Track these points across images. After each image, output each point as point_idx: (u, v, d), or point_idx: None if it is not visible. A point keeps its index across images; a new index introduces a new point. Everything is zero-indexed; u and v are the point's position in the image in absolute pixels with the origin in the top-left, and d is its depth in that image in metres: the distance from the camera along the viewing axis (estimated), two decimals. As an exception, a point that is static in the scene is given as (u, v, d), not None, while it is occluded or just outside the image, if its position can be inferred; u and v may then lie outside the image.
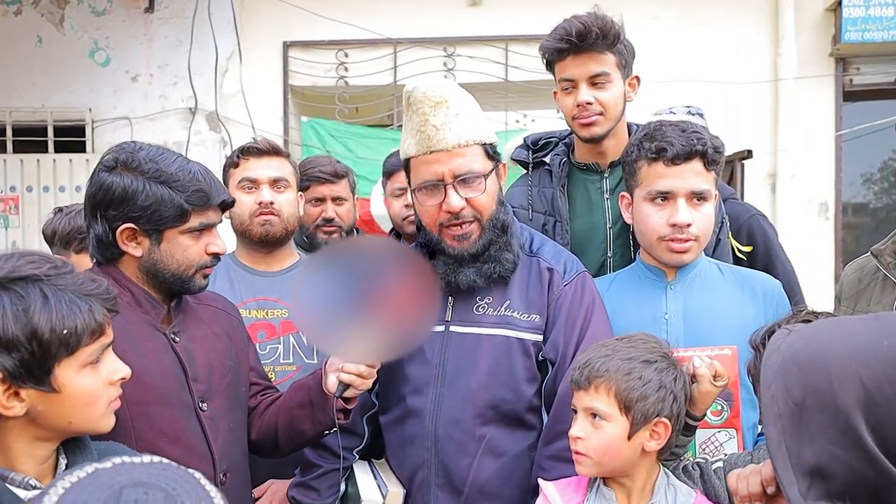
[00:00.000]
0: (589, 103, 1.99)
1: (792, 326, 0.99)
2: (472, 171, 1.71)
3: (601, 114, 2.00)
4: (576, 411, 1.50)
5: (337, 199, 2.67)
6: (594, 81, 2.00)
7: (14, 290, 1.14)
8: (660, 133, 1.82)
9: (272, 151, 2.23)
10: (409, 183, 1.83)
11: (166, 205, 1.53)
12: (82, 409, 1.21)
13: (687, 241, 1.80)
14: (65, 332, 1.15)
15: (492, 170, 1.77)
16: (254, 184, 2.19)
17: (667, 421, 1.46)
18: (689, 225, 1.79)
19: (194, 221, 1.58)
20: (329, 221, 2.65)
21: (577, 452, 1.47)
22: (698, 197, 1.80)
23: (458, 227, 1.73)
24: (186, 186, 1.55)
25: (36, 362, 1.14)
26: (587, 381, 1.46)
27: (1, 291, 1.14)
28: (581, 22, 1.94)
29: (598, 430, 1.45)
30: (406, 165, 1.81)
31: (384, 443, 1.90)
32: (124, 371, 1.28)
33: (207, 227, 1.62)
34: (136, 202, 1.52)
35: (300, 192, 2.36)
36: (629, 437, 1.44)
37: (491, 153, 1.77)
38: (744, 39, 5.22)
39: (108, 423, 1.27)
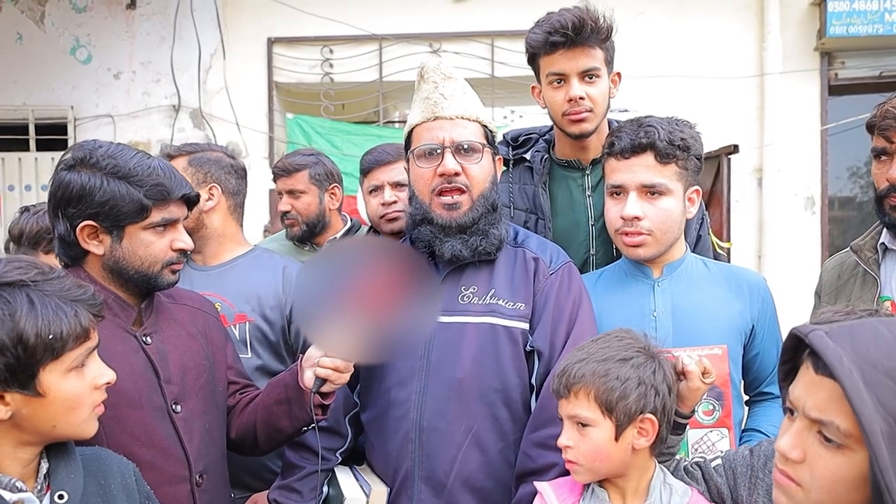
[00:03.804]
0: (581, 98, 1.98)
1: (822, 326, 0.93)
2: (471, 141, 1.76)
3: (591, 110, 2.00)
4: (562, 420, 1.48)
5: (292, 192, 2.75)
6: (584, 76, 1.99)
7: (1, 295, 1.16)
8: (618, 128, 1.84)
9: (170, 157, 2.19)
10: (406, 155, 1.84)
11: (124, 200, 1.51)
12: (66, 414, 1.22)
13: (638, 234, 1.79)
14: (50, 336, 1.17)
15: (486, 148, 1.79)
16: None
17: (652, 416, 1.44)
18: (636, 218, 1.78)
19: (156, 216, 1.56)
20: (285, 214, 2.77)
21: (568, 461, 1.45)
22: (651, 191, 1.79)
23: (450, 196, 1.74)
24: (145, 181, 1.53)
25: (21, 367, 1.16)
26: (566, 388, 1.44)
27: None
28: (576, 15, 1.92)
29: (584, 436, 1.43)
30: (408, 138, 1.83)
31: (365, 448, 1.88)
32: (109, 375, 1.30)
33: (171, 223, 1.60)
34: (93, 198, 1.51)
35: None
36: (616, 439, 1.42)
37: (490, 138, 1.81)
38: (729, 34, 5.23)
39: (91, 429, 1.29)
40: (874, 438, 0.82)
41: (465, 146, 1.75)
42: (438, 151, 1.75)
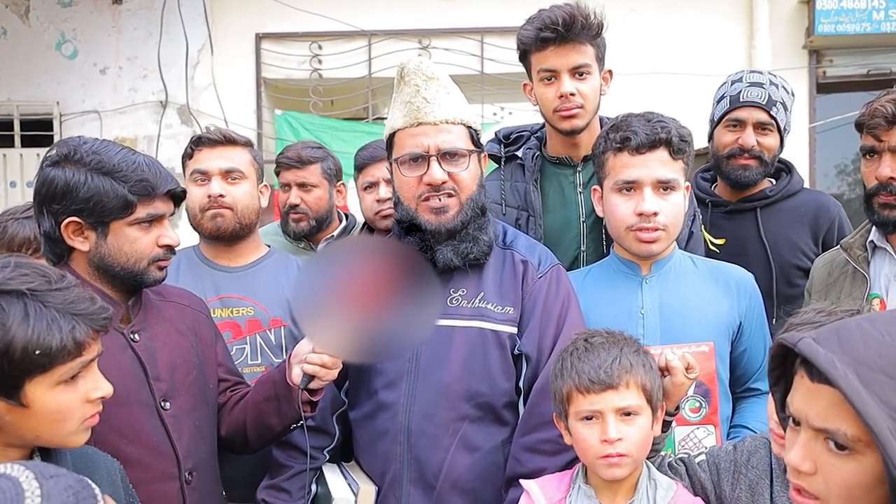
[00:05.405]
0: (572, 94, 1.98)
1: (808, 333, 0.93)
2: (456, 147, 1.73)
3: (582, 106, 2.00)
4: (589, 418, 1.46)
5: (303, 186, 2.64)
6: (575, 73, 1.99)
7: None
8: (625, 123, 1.81)
9: (225, 141, 2.13)
10: (389, 159, 1.81)
11: (108, 196, 1.51)
12: (51, 425, 1.20)
13: (655, 230, 1.79)
14: (37, 352, 1.14)
15: (474, 152, 1.77)
16: (205, 175, 2.11)
17: (662, 403, 1.53)
18: (655, 214, 1.77)
19: (141, 212, 1.55)
20: (293, 208, 2.64)
21: (619, 455, 1.44)
22: (665, 186, 1.79)
23: (437, 200, 1.72)
24: (129, 177, 1.53)
25: (5, 378, 1.14)
26: (617, 379, 1.45)
27: None
28: (566, 12, 1.93)
29: (632, 426, 1.45)
30: (389, 141, 1.79)
31: (353, 446, 1.87)
32: (106, 389, 1.27)
33: (157, 219, 1.59)
34: (77, 194, 1.50)
35: None
36: (652, 426, 1.49)
37: (475, 139, 1.78)
38: (719, 32, 5.24)
39: (79, 440, 1.26)
40: (884, 437, 0.81)
41: (452, 153, 1.72)
42: (424, 160, 1.72)
